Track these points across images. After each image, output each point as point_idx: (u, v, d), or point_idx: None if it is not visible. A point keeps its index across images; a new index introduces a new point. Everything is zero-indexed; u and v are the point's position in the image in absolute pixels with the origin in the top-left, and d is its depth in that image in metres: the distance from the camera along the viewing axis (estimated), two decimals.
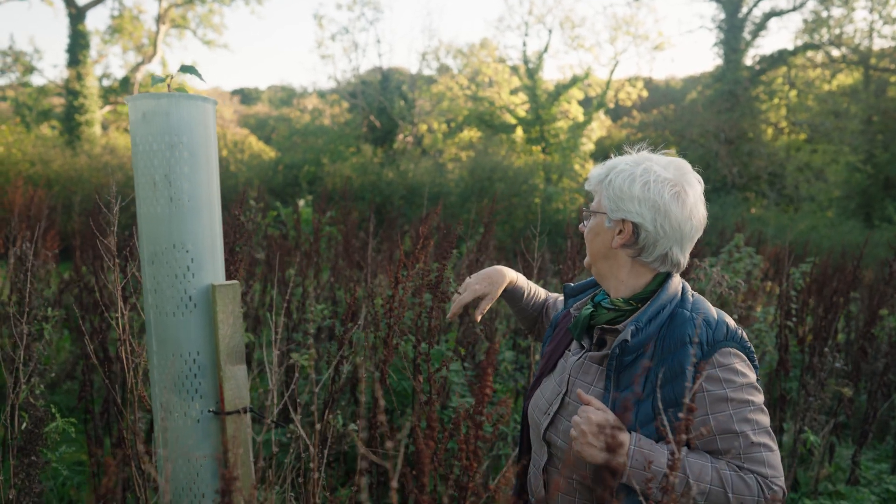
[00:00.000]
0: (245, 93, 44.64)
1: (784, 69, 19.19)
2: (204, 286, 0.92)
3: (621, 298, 1.26)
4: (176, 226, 0.91)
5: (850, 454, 3.47)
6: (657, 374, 1.15)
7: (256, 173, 15.09)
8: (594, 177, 1.32)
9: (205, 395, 0.93)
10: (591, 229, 1.31)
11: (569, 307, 1.42)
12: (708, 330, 1.17)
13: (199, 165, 0.92)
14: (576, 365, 1.28)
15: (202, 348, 0.92)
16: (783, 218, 15.81)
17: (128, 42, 19.16)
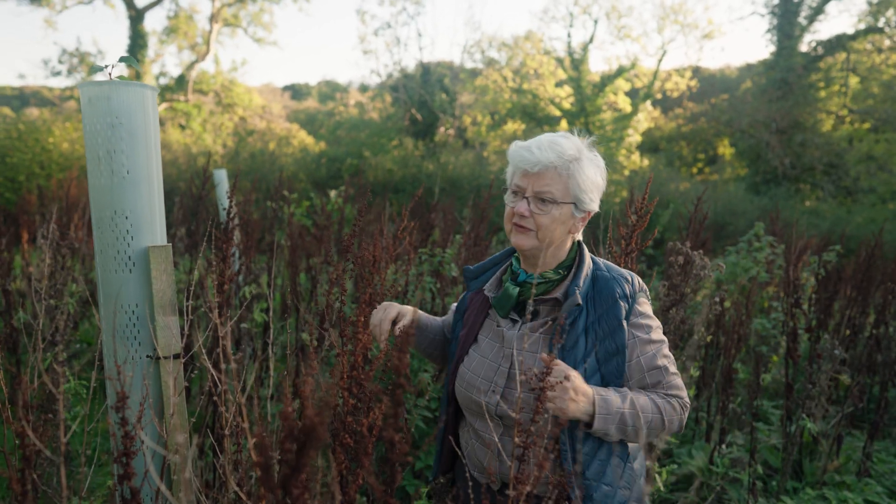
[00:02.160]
0: (295, 88, 45.69)
1: (843, 55, 18.26)
2: (142, 248, 1.06)
3: (551, 270, 1.37)
4: (117, 195, 1.05)
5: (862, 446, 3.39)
6: (595, 331, 1.31)
7: (301, 166, 15.52)
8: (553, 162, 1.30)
9: (143, 342, 1.07)
10: (555, 218, 1.32)
11: (473, 289, 1.48)
12: (626, 285, 1.34)
13: (137, 143, 1.05)
14: (516, 338, 1.35)
15: (140, 301, 1.07)
16: (840, 211, 15.12)
17: (182, 41, 19.98)
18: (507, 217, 1.37)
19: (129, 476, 0.83)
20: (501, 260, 1.52)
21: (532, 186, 1.31)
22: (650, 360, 1.31)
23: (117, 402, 0.79)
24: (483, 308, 1.45)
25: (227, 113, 20.96)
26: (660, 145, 23.93)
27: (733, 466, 3.00)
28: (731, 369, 3.19)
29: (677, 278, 2.25)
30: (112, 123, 1.03)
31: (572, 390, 1.18)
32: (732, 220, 12.75)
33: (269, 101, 26.22)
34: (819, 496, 2.89)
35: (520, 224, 1.33)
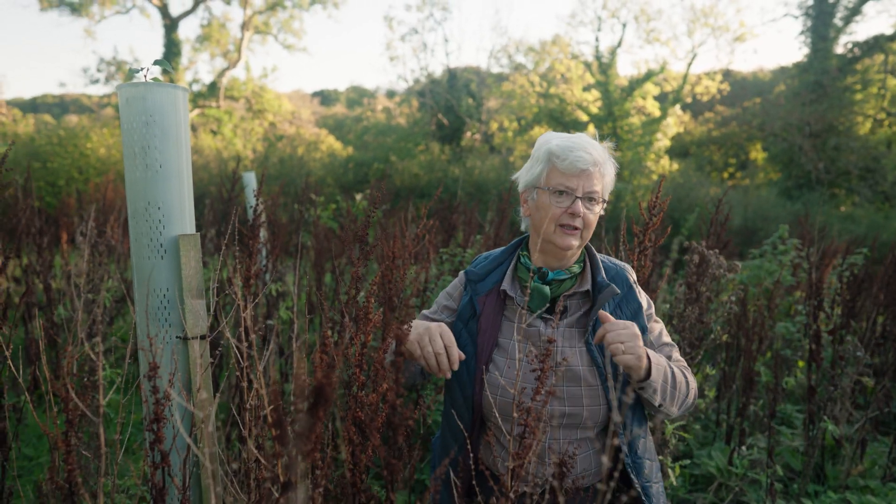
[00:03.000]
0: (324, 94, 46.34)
1: (882, 56, 17.79)
2: (173, 237, 1.15)
3: (575, 264, 1.43)
4: (150, 188, 1.14)
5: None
6: (617, 316, 1.39)
7: (329, 171, 15.75)
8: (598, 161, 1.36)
9: (173, 323, 1.16)
10: (598, 216, 1.40)
11: (482, 292, 1.44)
12: (629, 273, 1.48)
13: (169, 140, 1.14)
14: (556, 336, 1.37)
15: (171, 286, 1.15)
16: (877, 216, 14.72)
17: (215, 49, 20.48)
18: (552, 218, 1.36)
19: (159, 440, 0.91)
20: (504, 258, 1.50)
21: (583, 186, 1.35)
22: (658, 337, 1.43)
23: (149, 372, 0.87)
24: (498, 310, 1.42)
25: (257, 119, 21.41)
26: (689, 150, 23.61)
27: (752, 468, 2.98)
28: (751, 371, 3.18)
29: (692, 277, 2.27)
30: (147, 122, 1.12)
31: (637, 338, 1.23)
32: (764, 225, 12.52)
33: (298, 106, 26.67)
34: (841, 500, 2.86)
35: (571, 224, 1.35)
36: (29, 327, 3.12)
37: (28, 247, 3.34)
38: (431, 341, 1.24)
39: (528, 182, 1.43)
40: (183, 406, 1.11)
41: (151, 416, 0.89)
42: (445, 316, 1.52)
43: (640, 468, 1.35)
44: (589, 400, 1.33)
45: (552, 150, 1.37)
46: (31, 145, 11.14)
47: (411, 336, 1.25)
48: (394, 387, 0.66)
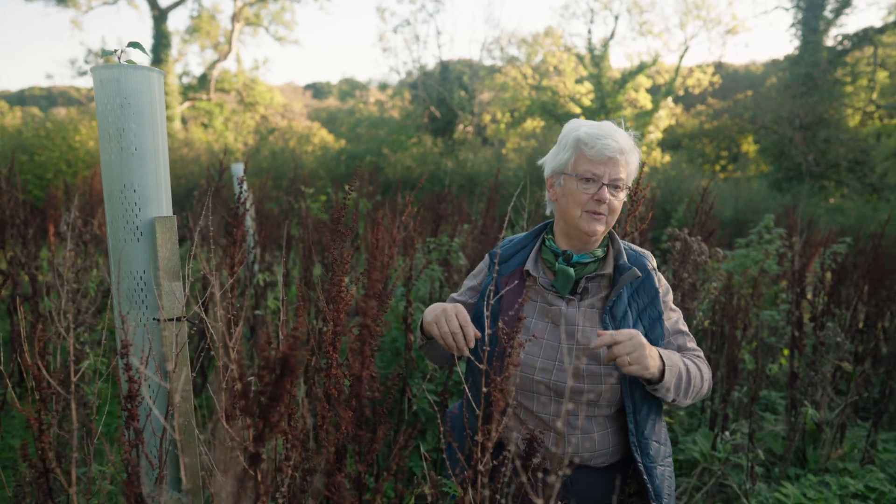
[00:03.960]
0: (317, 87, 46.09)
1: (871, 49, 17.89)
2: (149, 219, 1.16)
3: (599, 248, 1.47)
4: (126, 170, 1.14)
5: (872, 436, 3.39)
6: (636, 301, 1.43)
7: (321, 164, 15.71)
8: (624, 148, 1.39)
9: (150, 305, 1.16)
10: (622, 203, 1.44)
11: (505, 272, 1.49)
12: (649, 259, 1.50)
13: (144, 122, 1.15)
14: (575, 315, 1.41)
15: (147, 268, 1.16)
16: (865, 208, 14.83)
17: (205, 40, 20.33)
18: (578, 203, 1.39)
19: (133, 417, 0.92)
20: (528, 242, 1.54)
21: (609, 173, 1.38)
22: (674, 325, 1.46)
23: (121, 349, 0.88)
24: (519, 290, 1.46)
25: (248, 111, 21.29)
26: (682, 142, 23.69)
27: (735, 453, 3.03)
28: (735, 358, 3.22)
29: (676, 263, 2.29)
30: (122, 104, 1.12)
31: (647, 347, 1.25)
32: (754, 217, 12.58)
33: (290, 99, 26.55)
34: (820, 482, 2.91)
35: (597, 211, 1.39)
36: (14, 319, 3.12)
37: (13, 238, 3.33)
38: (448, 321, 1.30)
39: (555, 168, 1.46)
40: (158, 386, 1.12)
41: (125, 393, 0.90)
42: (469, 297, 1.58)
43: (645, 448, 1.38)
44: (604, 378, 1.37)
45: (580, 138, 1.40)
46: (18, 138, 11.05)
47: (429, 318, 1.34)
48: (359, 358, 0.68)
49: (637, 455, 1.37)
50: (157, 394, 1.06)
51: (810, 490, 2.82)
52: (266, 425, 0.71)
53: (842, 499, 2.79)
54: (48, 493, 0.89)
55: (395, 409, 2.81)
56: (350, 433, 0.74)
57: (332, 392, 0.95)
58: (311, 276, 4.21)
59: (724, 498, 2.91)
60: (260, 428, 0.70)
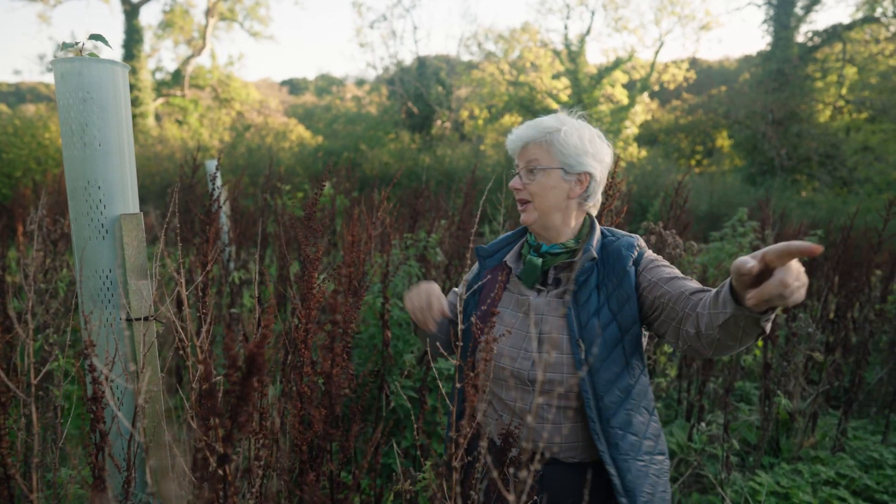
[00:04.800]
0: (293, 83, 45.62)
1: (840, 45, 18.27)
2: (114, 216, 1.13)
3: (572, 240, 1.45)
4: (90, 166, 1.11)
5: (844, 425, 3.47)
6: (606, 286, 1.38)
7: (299, 160, 15.57)
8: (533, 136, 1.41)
9: (116, 304, 1.13)
10: (545, 184, 1.41)
11: (489, 266, 1.54)
12: (634, 241, 1.43)
13: (108, 117, 1.12)
14: (542, 305, 1.42)
15: (113, 267, 1.13)
16: (836, 201, 15.16)
17: (178, 36, 19.98)
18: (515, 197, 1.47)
19: (98, 420, 0.90)
20: (515, 238, 1.58)
21: (523, 161, 1.42)
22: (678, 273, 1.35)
23: (85, 350, 0.85)
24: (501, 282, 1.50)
25: (224, 108, 20.99)
26: (658, 137, 23.95)
27: (711, 443, 3.07)
28: None
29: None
30: (84, 98, 1.09)
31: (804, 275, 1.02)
32: (728, 211, 12.77)
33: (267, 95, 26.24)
34: (793, 470, 2.97)
35: (519, 198, 1.44)
36: None
37: None
38: (417, 297, 1.39)
39: None
40: (125, 388, 1.10)
41: (90, 395, 0.88)
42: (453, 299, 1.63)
43: (612, 438, 1.33)
44: (567, 368, 1.35)
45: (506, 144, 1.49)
46: None
47: (406, 293, 1.44)
48: (329, 354, 0.67)
49: (599, 444, 1.31)
50: (123, 396, 1.03)
51: (783, 478, 2.88)
52: (234, 425, 0.70)
53: (814, 486, 2.85)
54: (10, 501, 0.87)
55: (372, 405, 2.80)
56: (323, 431, 0.73)
57: (304, 390, 0.94)
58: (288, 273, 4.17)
59: (701, 488, 2.96)
60: (228, 428, 0.69)
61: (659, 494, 1.38)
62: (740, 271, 0.96)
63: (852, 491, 2.88)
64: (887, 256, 4.14)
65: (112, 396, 0.99)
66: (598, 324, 1.34)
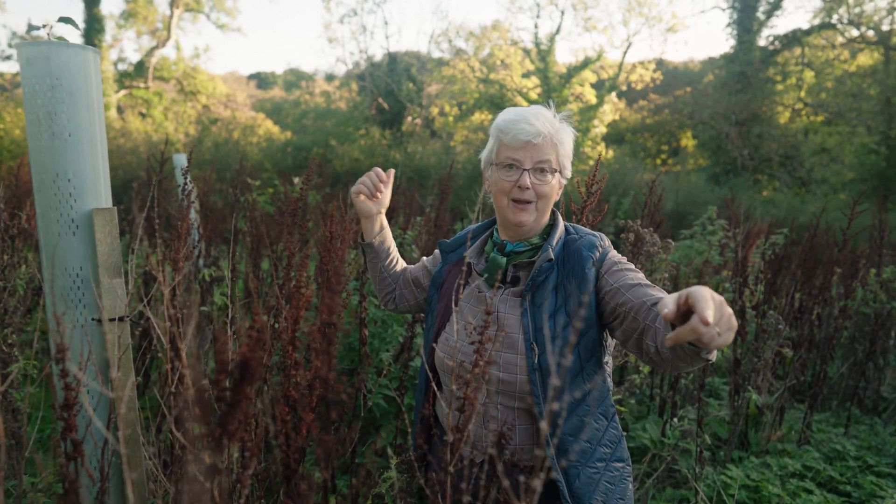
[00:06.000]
0: (261, 77, 44.84)
1: (799, 50, 18.83)
2: (86, 211, 1.07)
3: (536, 237, 1.42)
4: (58, 157, 1.05)
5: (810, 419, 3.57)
6: (565, 287, 1.33)
7: (267, 155, 15.31)
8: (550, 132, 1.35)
9: (88, 304, 1.07)
10: (554, 187, 1.38)
11: (451, 261, 1.52)
12: (597, 241, 1.38)
13: (78, 105, 1.05)
14: (499, 303, 1.38)
15: (84, 264, 1.07)
16: (795, 201, 15.63)
17: (142, 26, 19.41)
18: (503, 192, 1.37)
19: (70, 428, 0.84)
20: (480, 232, 1.54)
21: (531, 158, 1.34)
22: (641, 279, 1.31)
23: (57, 354, 0.80)
24: (461, 278, 1.45)
25: (189, 101, 20.49)
26: (625, 137, 24.32)
27: (684, 438, 3.12)
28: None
29: (629, 255, 2.33)
30: (52, 84, 1.02)
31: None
32: (693, 209, 13.08)
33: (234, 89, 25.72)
34: (762, 463, 3.03)
35: (521, 198, 1.35)
36: None
37: None
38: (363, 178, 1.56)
39: (485, 160, 1.46)
40: (99, 392, 1.04)
41: (61, 402, 0.82)
42: (421, 274, 1.65)
43: (562, 445, 1.29)
44: (521, 369, 1.31)
45: (498, 125, 1.38)
46: None
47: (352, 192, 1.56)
48: (325, 359, 0.63)
49: (547, 449, 1.26)
50: (98, 402, 0.98)
51: (753, 472, 2.94)
52: (224, 433, 0.66)
53: (782, 479, 2.92)
54: None
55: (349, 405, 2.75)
56: (315, 437, 0.70)
57: (291, 394, 0.90)
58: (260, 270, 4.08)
59: (674, 483, 3.00)
60: (217, 436, 0.65)
61: (614, 501, 1.34)
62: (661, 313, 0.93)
63: (818, 483, 2.95)
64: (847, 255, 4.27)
65: (89, 404, 0.94)
66: (554, 326, 1.31)
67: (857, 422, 3.76)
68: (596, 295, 1.33)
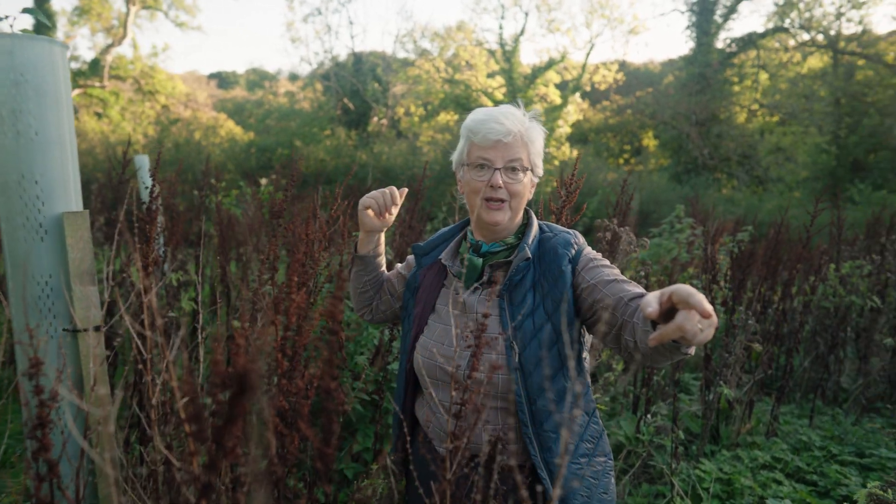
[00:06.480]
0: (222, 76, 43.96)
1: (755, 52, 19.43)
2: (55, 215, 1.00)
3: (512, 237, 1.42)
4: (24, 158, 0.98)
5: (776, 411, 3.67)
6: (542, 286, 1.33)
7: (230, 156, 15.01)
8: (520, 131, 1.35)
9: (58, 314, 1.01)
10: (526, 185, 1.38)
11: (425, 265, 1.50)
12: (572, 238, 1.38)
13: (46, 103, 0.99)
14: (476, 304, 1.37)
15: (54, 272, 1.01)
16: (753, 199, 16.11)
17: (96, 23, 18.79)
18: (475, 192, 1.37)
19: (45, 448, 0.79)
20: (453, 234, 1.53)
21: (502, 157, 1.33)
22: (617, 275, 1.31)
23: (30, 369, 0.74)
24: (438, 280, 1.45)
25: (148, 101, 19.93)
26: (588, 137, 24.67)
27: (658, 434, 3.16)
28: None
29: (605, 254, 2.34)
30: (16, 80, 0.96)
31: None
32: (656, 208, 13.36)
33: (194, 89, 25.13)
34: (734, 456, 3.10)
35: (493, 197, 1.34)
36: None
37: None
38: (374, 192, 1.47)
39: (456, 161, 1.46)
40: (73, 407, 0.98)
41: (34, 420, 0.77)
42: (397, 281, 1.63)
43: (545, 442, 1.29)
44: (504, 368, 1.31)
45: (468, 126, 1.38)
46: None
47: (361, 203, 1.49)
48: (328, 369, 0.60)
49: (531, 448, 1.27)
50: (74, 419, 0.92)
51: (725, 465, 3.00)
52: (220, 450, 0.62)
53: (753, 471, 2.99)
54: None
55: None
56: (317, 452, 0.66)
57: (283, 406, 0.86)
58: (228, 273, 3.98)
59: (649, 478, 3.04)
60: (213, 454, 0.61)
61: (598, 496, 1.35)
62: (643, 312, 0.94)
63: (786, 473, 3.03)
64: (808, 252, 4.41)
65: (73, 424, 0.88)
66: (533, 325, 1.31)
67: (820, 413, 3.88)
68: (573, 291, 1.33)
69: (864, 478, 3.00)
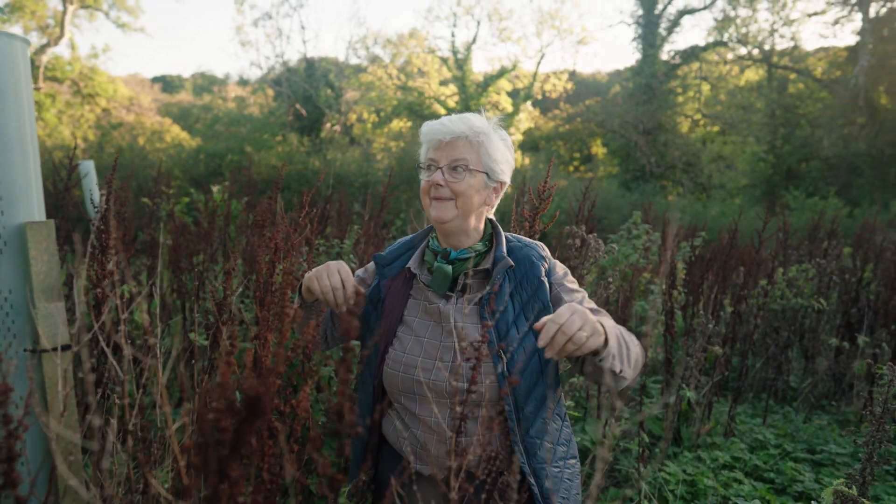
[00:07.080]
0: (167, 80, 42.59)
1: (697, 64, 20.23)
2: (16, 224, 0.92)
3: (479, 243, 1.41)
4: None
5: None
6: (520, 294, 1.35)
7: (177, 162, 14.51)
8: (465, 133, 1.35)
9: (19, 333, 0.93)
10: (473, 186, 1.35)
11: (389, 275, 1.45)
12: (540, 250, 1.43)
13: (6, 103, 0.91)
14: (454, 313, 1.34)
15: (15, 287, 0.92)
16: (697, 205, 16.70)
17: (29, 22, 17.88)
18: (424, 192, 1.38)
19: (13, 484, 0.71)
20: (416, 243, 1.50)
21: (446, 157, 1.35)
22: (583, 298, 1.38)
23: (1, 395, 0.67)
24: (405, 291, 1.42)
25: (87, 104, 19.07)
26: (539, 144, 25.09)
27: (623, 438, 3.21)
28: None
29: (575, 260, 2.36)
30: None
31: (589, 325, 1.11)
32: (607, 214, 13.67)
33: (137, 92, 24.25)
34: (695, 457, 3.17)
35: (437, 196, 1.35)
36: None
37: None
38: (329, 276, 1.32)
39: (418, 167, 1.45)
40: (38, 436, 0.90)
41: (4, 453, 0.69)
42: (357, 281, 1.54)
43: (532, 448, 1.31)
44: (485, 377, 1.30)
45: (422, 131, 1.41)
46: None
47: (311, 273, 1.34)
48: (343, 388, 0.56)
49: (521, 456, 1.29)
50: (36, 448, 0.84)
51: (688, 466, 3.06)
52: (224, 481, 0.56)
53: (714, 471, 3.06)
54: None
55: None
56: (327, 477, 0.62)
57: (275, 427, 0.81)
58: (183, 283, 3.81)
59: (615, 482, 3.07)
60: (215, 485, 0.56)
61: (573, 497, 1.39)
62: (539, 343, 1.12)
63: (745, 472, 3.12)
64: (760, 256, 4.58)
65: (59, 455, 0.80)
66: (518, 333, 1.32)
67: (772, 412, 4.02)
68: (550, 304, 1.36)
69: (816, 473, 3.12)
